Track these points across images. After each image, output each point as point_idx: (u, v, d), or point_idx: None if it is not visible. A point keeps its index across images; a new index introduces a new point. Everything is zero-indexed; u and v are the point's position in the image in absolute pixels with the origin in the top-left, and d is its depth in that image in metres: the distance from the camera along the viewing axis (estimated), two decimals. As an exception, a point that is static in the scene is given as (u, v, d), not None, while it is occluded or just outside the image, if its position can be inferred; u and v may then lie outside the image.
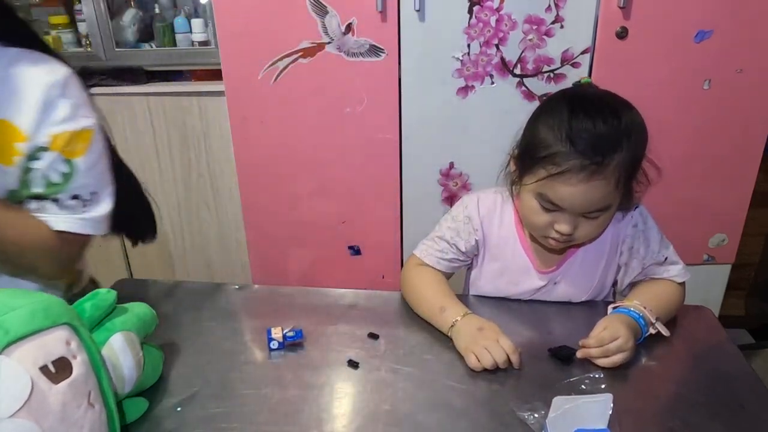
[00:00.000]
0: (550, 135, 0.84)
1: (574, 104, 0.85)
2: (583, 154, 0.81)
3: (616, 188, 0.84)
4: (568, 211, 0.86)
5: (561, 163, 0.82)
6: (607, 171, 0.82)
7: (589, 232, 0.90)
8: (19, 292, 0.62)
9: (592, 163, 0.81)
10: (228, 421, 0.75)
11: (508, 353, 0.83)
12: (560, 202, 0.86)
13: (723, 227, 1.68)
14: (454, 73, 1.53)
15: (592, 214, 0.87)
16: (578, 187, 0.83)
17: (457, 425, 0.74)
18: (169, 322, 0.97)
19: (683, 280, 0.98)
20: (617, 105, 0.86)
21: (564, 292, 1.01)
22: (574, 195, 0.84)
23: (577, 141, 0.82)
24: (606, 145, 0.81)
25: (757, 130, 1.56)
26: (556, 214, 0.88)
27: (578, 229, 0.89)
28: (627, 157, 0.83)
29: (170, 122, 1.77)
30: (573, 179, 0.82)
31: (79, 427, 0.61)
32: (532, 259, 1.00)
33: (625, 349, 0.83)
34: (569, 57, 1.50)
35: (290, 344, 0.89)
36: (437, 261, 1.03)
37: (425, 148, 1.63)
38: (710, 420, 0.74)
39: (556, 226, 0.88)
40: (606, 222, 0.91)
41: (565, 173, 0.82)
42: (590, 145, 0.81)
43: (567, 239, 0.90)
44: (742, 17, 1.43)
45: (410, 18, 1.47)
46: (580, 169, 0.81)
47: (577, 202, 0.85)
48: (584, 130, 0.82)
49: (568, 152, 0.82)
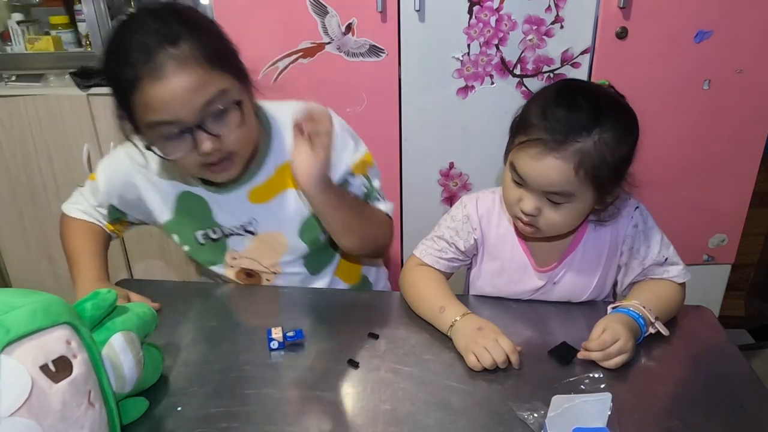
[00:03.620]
0: (532, 108, 0.88)
1: (565, 89, 0.89)
2: (549, 129, 0.84)
3: (576, 176, 0.84)
4: (531, 188, 0.89)
5: (530, 133, 0.86)
6: (566, 152, 0.84)
7: (553, 221, 0.90)
8: (19, 292, 0.62)
9: (553, 140, 0.84)
10: (228, 421, 0.75)
11: (508, 353, 0.83)
12: (522, 174, 0.88)
13: (723, 227, 1.68)
14: (454, 73, 1.53)
15: (553, 197, 0.88)
16: (537, 160, 0.85)
17: (457, 425, 0.74)
18: (169, 322, 0.97)
19: (683, 281, 0.98)
20: (607, 103, 0.87)
21: (563, 291, 1.01)
22: (532, 167, 0.86)
23: (549, 117, 0.85)
24: (572, 127, 0.84)
25: (757, 131, 1.56)
26: (523, 191, 0.90)
27: (542, 214, 0.89)
28: (593, 150, 0.83)
29: (170, 122, 1.77)
30: (533, 150, 0.85)
31: (79, 426, 0.61)
32: (530, 258, 1.01)
33: (626, 350, 0.83)
34: (569, 57, 1.50)
35: (290, 344, 0.89)
36: (436, 260, 1.04)
37: (425, 148, 1.63)
38: (710, 420, 0.74)
39: (520, 203, 0.90)
40: (572, 216, 0.90)
41: (529, 143, 0.86)
42: (558, 123, 0.84)
43: (532, 221, 0.91)
44: (742, 17, 1.43)
45: (410, 18, 1.47)
46: (543, 142, 0.85)
47: (533, 175, 0.87)
48: (558, 110, 0.85)
49: (538, 125, 0.85)
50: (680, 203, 1.63)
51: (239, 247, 1.07)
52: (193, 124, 0.85)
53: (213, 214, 1.04)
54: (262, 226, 1.05)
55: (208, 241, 1.07)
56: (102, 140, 1.82)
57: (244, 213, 1.04)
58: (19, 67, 1.90)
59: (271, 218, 1.04)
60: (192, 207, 1.04)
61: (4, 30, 1.91)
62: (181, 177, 1.03)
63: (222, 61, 0.87)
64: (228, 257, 1.08)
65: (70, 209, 1.12)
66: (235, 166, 0.94)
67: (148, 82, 0.81)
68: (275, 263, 1.09)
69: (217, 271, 1.11)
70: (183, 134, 0.86)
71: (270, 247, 1.07)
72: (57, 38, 1.87)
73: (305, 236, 1.06)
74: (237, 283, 1.12)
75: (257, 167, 1.01)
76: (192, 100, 0.83)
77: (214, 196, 1.03)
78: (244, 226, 1.05)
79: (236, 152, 0.92)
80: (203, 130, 0.85)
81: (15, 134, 1.84)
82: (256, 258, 1.08)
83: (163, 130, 0.85)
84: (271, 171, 1.02)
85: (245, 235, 1.06)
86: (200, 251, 1.08)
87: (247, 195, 1.02)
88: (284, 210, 1.04)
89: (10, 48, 1.90)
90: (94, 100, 1.77)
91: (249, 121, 0.92)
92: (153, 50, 0.81)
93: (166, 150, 0.88)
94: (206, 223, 1.05)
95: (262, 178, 1.02)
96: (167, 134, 0.86)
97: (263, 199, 1.03)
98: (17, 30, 1.88)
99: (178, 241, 1.09)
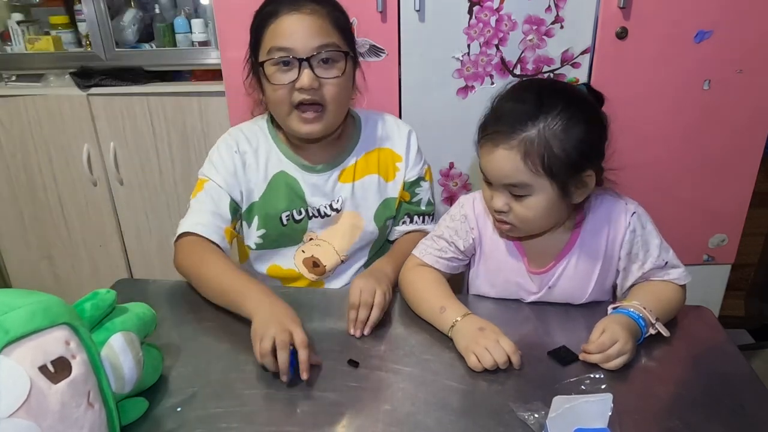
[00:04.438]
0: (490, 108, 0.93)
1: (516, 87, 0.93)
2: (495, 122, 0.89)
3: (525, 165, 0.86)
4: (494, 184, 0.92)
5: (485, 129, 0.91)
6: (511, 142, 0.86)
7: (523, 216, 0.91)
8: (18, 292, 0.62)
9: (500, 132, 0.87)
10: (228, 421, 0.75)
11: (509, 353, 0.83)
12: (484, 171, 0.92)
13: (723, 227, 1.68)
14: (454, 73, 1.53)
15: (513, 190, 0.90)
16: (490, 153, 0.89)
17: (457, 425, 0.74)
18: (169, 322, 0.97)
19: (684, 283, 0.98)
20: (553, 95, 0.88)
21: (561, 295, 1.01)
22: (487, 162, 0.91)
23: (498, 112, 0.90)
24: (516, 118, 0.87)
25: (757, 130, 1.55)
26: (492, 189, 0.93)
27: (512, 210, 0.92)
28: (537, 138, 0.85)
29: (170, 122, 1.77)
30: (487, 146, 0.90)
31: (78, 426, 0.61)
32: (525, 260, 1.01)
33: (625, 351, 0.83)
34: (569, 57, 1.50)
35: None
36: (436, 260, 1.04)
37: (425, 148, 1.62)
38: (710, 420, 0.74)
39: (492, 202, 0.93)
40: (540, 209, 0.90)
41: (484, 140, 0.91)
42: (503, 116, 0.89)
43: (504, 218, 0.93)
44: (742, 17, 1.42)
45: (410, 18, 1.47)
46: (492, 137, 0.88)
47: (489, 169, 0.91)
48: (505, 104, 0.90)
49: (490, 122, 0.91)
50: (680, 203, 1.63)
51: (318, 230, 1.17)
52: (304, 56, 1.00)
53: (305, 194, 1.14)
54: (346, 204, 1.16)
55: (291, 222, 1.15)
56: (102, 140, 1.82)
57: (333, 191, 1.16)
58: (19, 67, 1.90)
59: (355, 197, 1.17)
60: (285, 186, 1.14)
61: (4, 30, 1.91)
62: (278, 159, 1.14)
63: (344, 32, 1.06)
64: (306, 237, 1.17)
65: (190, 226, 1.07)
66: (322, 121, 1.06)
67: (286, 12, 1.01)
68: (345, 249, 1.18)
69: (285, 255, 1.18)
70: (292, 65, 1.02)
71: (347, 228, 1.17)
72: (57, 38, 1.87)
73: (379, 220, 1.18)
74: (296, 274, 1.18)
75: (347, 153, 1.17)
76: (311, 37, 1.01)
77: (308, 176, 1.14)
78: (331, 203, 1.16)
79: (327, 106, 1.05)
80: (309, 66, 1.01)
81: (15, 134, 1.84)
82: (331, 240, 1.17)
83: (281, 55, 1.01)
84: (359, 155, 1.18)
85: (329, 216, 1.16)
86: (280, 233, 1.16)
87: (337, 175, 1.16)
88: (366, 192, 1.17)
89: (10, 48, 1.90)
90: (94, 100, 1.76)
91: (346, 85, 1.08)
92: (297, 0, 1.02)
93: (275, 77, 1.03)
94: (296, 203, 1.14)
95: (351, 160, 1.17)
96: (282, 60, 1.02)
97: (349, 179, 1.16)
98: (17, 30, 1.88)
99: (256, 226, 1.15)
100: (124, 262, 2.00)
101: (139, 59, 1.82)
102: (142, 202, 1.89)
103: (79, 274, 2.05)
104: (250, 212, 1.15)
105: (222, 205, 1.10)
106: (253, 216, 1.15)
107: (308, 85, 1.01)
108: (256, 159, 1.14)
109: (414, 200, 1.22)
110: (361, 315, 0.94)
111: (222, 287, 0.98)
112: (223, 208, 1.09)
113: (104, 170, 1.86)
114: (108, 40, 1.79)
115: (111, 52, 1.80)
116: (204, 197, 1.10)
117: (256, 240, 1.16)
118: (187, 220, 1.09)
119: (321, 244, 1.18)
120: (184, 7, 1.88)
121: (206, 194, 1.10)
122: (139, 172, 1.86)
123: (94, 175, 1.86)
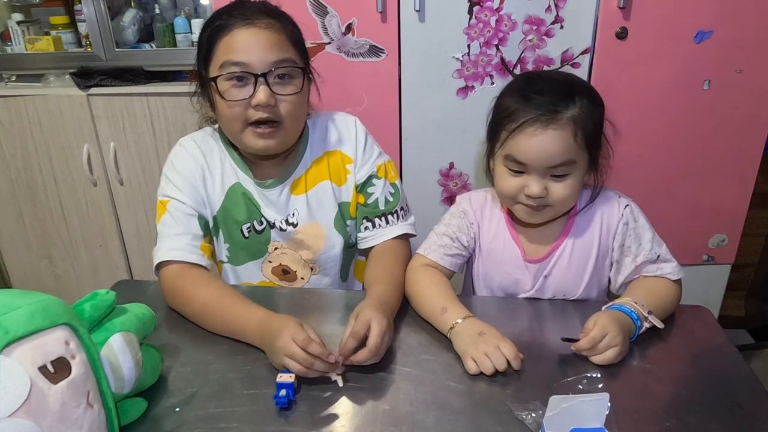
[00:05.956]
0: (509, 100, 0.94)
1: (530, 76, 0.97)
2: (537, 107, 0.89)
3: (575, 141, 0.89)
4: (534, 170, 0.91)
5: (518, 118, 0.90)
6: (561, 120, 0.89)
7: (562, 195, 0.93)
8: (18, 293, 0.63)
9: (546, 114, 0.89)
10: (227, 421, 0.75)
11: (510, 359, 0.82)
12: (524, 158, 0.91)
13: (723, 227, 1.68)
14: (454, 74, 1.53)
15: (557, 170, 0.91)
16: (536, 137, 0.89)
17: (456, 425, 0.74)
18: (169, 322, 0.97)
19: (677, 278, 0.98)
20: (570, 77, 0.95)
21: (557, 285, 1.02)
22: (533, 146, 0.90)
23: (532, 98, 0.90)
24: (557, 98, 0.89)
25: (757, 131, 1.56)
26: (524, 177, 0.93)
27: (550, 192, 0.92)
28: (580, 114, 0.89)
29: (170, 122, 1.77)
30: (530, 129, 0.89)
31: (78, 426, 0.61)
32: (521, 249, 1.03)
33: (614, 344, 0.83)
34: (569, 57, 1.50)
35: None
36: (441, 257, 1.05)
37: (425, 148, 1.63)
38: (708, 420, 0.74)
39: (525, 190, 0.93)
40: (576, 185, 0.93)
41: (523, 125, 0.90)
42: (545, 99, 0.90)
43: (540, 203, 0.93)
44: (742, 17, 1.43)
45: (410, 18, 1.47)
46: (536, 119, 0.89)
47: (537, 153, 0.90)
48: (537, 90, 0.91)
49: (525, 109, 0.90)
50: (680, 203, 1.63)
51: (282, 240, 1.13)
52: (260, 71, 0.97)
53: (260, 208, 1.11)
54: (302, 216, 1.12)
55: (253, 233, 1.12)
56: (102, 140, 1.82)
57: (287, 205, 1.11)
58: (19, 67, 1.90)
59: (311, 208, 1.12)
60: (242, 197, 1.10)
61: (4, 30, 1.91)
62: (232, 171, 1.10)
63: (299, 47, 1.04)
64: (271, 248, 1.13)
65: (164, 255, 1.02)
66: (277, 137, 1.02)
67: (240, 25, 0.98)
68: (313, 258, 1.14)
69: (252, 270, 1.15)
70: (247, 80, 0.98)
71: (310, 239, 1.13)
72: (57, 38, 1.87)
73: (339, 227, 1.14)
74: (269, 284, 1.15)
75: (296, 164, 1.11)
76: (267, 52, 0.97)
77: (261, 191, 1.10)
78: (287, 218, 1.11)
79: (283, 122, 1.01)
80: (266, 82, 0.97)
81: (15, 134, 1.85)
82: (297, 250, 1.13)
83: (235, 70, 0.97)
84: (308, 164, 1.12)
85: (287, 229, 1.11)
86: (244, 246, 1.13)
87: (289, 188, 1.11)
88: (321, 200, 1.12)
89: (10, 48, 1.90)
90: (94, 100, 1.77)
91: (303, 101, 1.04)
92: (250, 10, 1.00)
93: (229, 93, 0.99)
94: (255, 214, 1.11)
95: (300, 171, 1.11)
96: (236, 76, 0.97)
97: (302, 190, 1.12)
98: (17, 30, 1.88)
99: (223, 239, 1.13)
100: (124, 262, 2.00)
101: (139, 59, 1.82)
102: (142, 202, 1.89)
103: (79, 274, 2.05)
104: (215, 225, 1.11)
105: (190, 223, 1.05)
106: (218, 229, 1.11)
107: (265, 102, 0.97)
108: (211, 170, 1.09)
109: (369, 202, 1.13)
110: (349, 345, 0.82)
111: (216, 324, 0.94)
112: (192, 225, 1.04)
113: (104, 170, 1.86)
114: (108, 40, 1.79)
115: (111, 52, 1.80)
116: (169, 220, 1.04)
117: (226, 253, 1.14)
118: (159, 248, 1.02)
119: (287, 252, 1.14)
120: (184, 7, 1.88)
121: (170, 216, 1.04)
122: (139, 172, 1.86)
123: (94, 175, 1.87)
